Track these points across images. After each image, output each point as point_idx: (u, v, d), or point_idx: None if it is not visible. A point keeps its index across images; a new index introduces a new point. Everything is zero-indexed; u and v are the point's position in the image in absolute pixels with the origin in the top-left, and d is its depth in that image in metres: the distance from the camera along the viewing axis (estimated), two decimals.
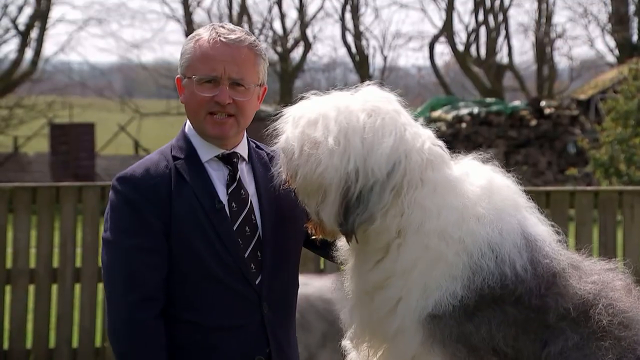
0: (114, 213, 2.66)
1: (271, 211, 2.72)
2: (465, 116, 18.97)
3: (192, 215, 2.63)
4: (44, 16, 23.41)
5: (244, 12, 27.05)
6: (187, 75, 2.69)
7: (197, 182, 2.66)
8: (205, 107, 2.66)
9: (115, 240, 2.63)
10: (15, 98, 23.60)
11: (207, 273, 2.62)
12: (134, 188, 2.64)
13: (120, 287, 2.60)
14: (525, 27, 30.48)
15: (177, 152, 2.72)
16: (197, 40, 2.69)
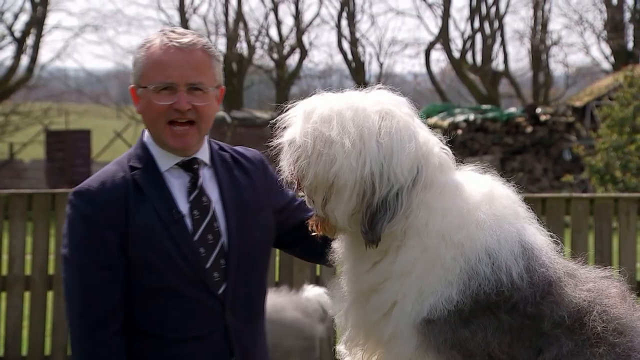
0: (70, 229, 2.59)
1: (236, 217, 2.66)
2: (461, 123, 19.00)
3: (150, 228, 2.55)
4: (40, 23, 23.42)
5: (240, 19, 27.08)
6: (141, 85, 2.61)
7: (155, 193, 2.59)
8: (164, 115, 2.58)
9: (71, 257, 2.57)
10: (11, 105, 23.60)
11: (167, 286, 2.56)
12: (90, 203, 2.57)
13: (78, 305, 2.55)
14: (521, 34, 30.56)
15: (134, 161, 2.65)
16: (148, 47, 2.61)
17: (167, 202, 2.59)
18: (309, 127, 2.46)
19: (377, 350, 2.53)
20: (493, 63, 28.28)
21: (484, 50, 28.18)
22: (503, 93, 28.98)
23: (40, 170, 21.45)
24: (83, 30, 27.87)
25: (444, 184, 2.48)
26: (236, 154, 2.78)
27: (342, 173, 2.41)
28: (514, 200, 2.57)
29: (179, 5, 26.82)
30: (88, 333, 2.53)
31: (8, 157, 22.81)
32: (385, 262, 2.47)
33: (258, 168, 2.80)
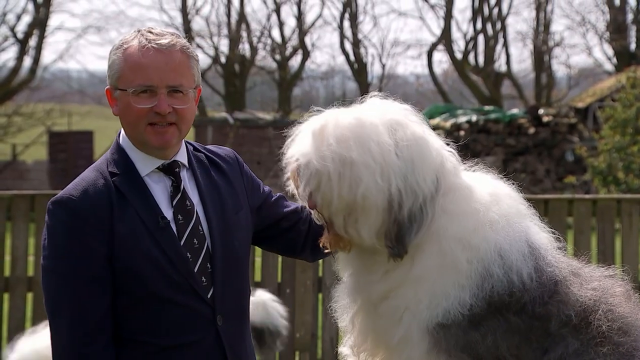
0: (53, 240, 2.51)
1: (217, 218, 2.62)
2: (463, 124, 18.99)
3: (136, 236, 2.50)
4: (42, 24, 23.44)
5: (242, 20, 27.09)
6: (119, 87, 2.55)
7: (138, 200, 2.53)
8: (145, 118, 2.53)
9: (55, 268, 2.49)
10: (14, 106, 23.62)
11: (157, 293, 2.51)
12: (73, 213, 2.49)
13: (65, 319, 2.48)
14: (523, 35, 30.54)
15: (113, 167, 2.58)
16: (125, 49, 2.54)
17: (151, 208, 2.54)
18: (326, 150, 2.43)
19: (384, 354, 2.52)
20: (495, 64, 28.27)
21: (486, 52, 28.16)
22: (505, 94, 28.96)
23: (43, 171, 21.47)
24: (85, 31, 27.96)
25: (458, 187, 2.49)
26: (211, 154, 2.74)
27: (369, 193, 2.40)
28: (517, 199, 2.58)
29: (182, 7, 26.85)
30: (78, 347, 2.47)
31: (11, 158, 22.83)
32: (400, 269, 2.46)
33: (233, 167, 2.76)
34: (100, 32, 41.16)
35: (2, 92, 22.92)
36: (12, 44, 23.43)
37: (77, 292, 2.48)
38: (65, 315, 2.48)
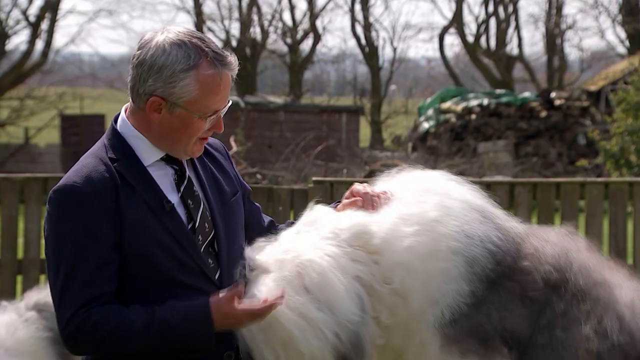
0: (57, 228, 2.48)
1: (217, 203, 2.63)
2: (475, 107, 18.94)
3: (144, 221, 2.49)
4: (54, 7, 23.46)
5: (253, 4, 27.04)
6: (187, 108, 2.52)
7: (142, 185, 2.53)
8: (201, 135, 2.57)
9: (64, 256, 2.46)
10: (26, 89, 23.69)
11: (168, 276, 2.51)
12: (78, 199, 2.47)
13: (74, 303, 2.44)
14: (535, 18, 30.37)
15: (112, 153, 2.55)
16: (201, 75, 2.51)
17: (155, 192, 2.53)
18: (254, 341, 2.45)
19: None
20: (507, 47, 28.14)
21: (498, 35, 28.03)
22: (517, 77, 28.85)
23: (55, 154, 21.55)
24: (97, 14, 27.99)
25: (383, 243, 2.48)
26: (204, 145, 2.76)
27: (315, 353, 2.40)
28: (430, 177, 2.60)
29: None
30: (84, 313, 2.45)
31: (23, 141, 22.93)
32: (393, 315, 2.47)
33: (223, 155, 2.78)
34: (111, 15, 41.16)
35: (15, 76, 22.98)
36: (24, 27, 23.48)
37: (86, 277, 2.45)
38: (73, 300, 2.46)
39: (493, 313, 2.41)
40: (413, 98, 30.88)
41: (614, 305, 2.49)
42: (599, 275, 2.52)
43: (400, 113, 27.89)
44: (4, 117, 22.92)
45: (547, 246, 2.51)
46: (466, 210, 2.48)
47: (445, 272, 2.43)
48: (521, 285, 2.44)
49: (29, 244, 6.36)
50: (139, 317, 2.46)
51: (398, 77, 31.95)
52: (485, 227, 2.45)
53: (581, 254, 2.54)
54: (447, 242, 2.43)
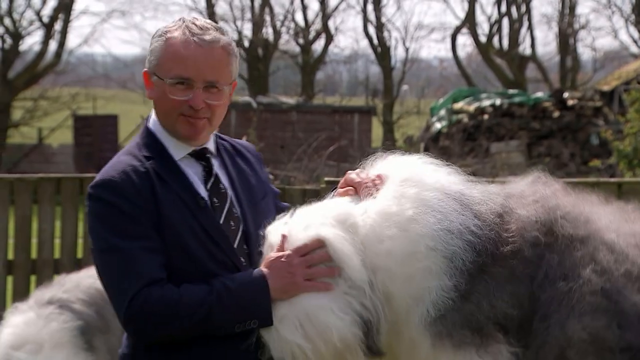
0: (105, 221, 2.52)
1: (247, 202, 2.67)
2: (487, 108, 18.89)
3: (179, 215, 2.55)
4: (67, 8, 23.55)
5: (265, 4, 27.06)
6: (157, 74, 2.59)
7: (176, 181, 2.58)
8: (178, 109, 2.58)
9: (117, 247, 2.50)
10: (40, 90, 23.79)
11: (204, 271, 2.55)
12: (119, 194, 2.52)
13: (133, 282, 2.47)
14: (548, 18, 30.33)
15: (146, 151, 2.61)
16: (168, 38, 2.58)
17: (189, 189, 2.59)
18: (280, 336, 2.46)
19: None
20: (520, 47, 28.06)
21: (510, 35, 27.95)
22: (530, 77, 28.75)
23: (69, 154, 21.63)
24: (110, 15, 28.10)
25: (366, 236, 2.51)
26: (235, 144, 2.79)
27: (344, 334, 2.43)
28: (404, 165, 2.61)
29: None
30: (145, 293, 2.48)
31: (37, 141, 23.03)
32: None
33: (256, 157, 2.82)
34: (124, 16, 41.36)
35: (28, 76, 23.07)
36: (37, 28, 23.57)
37: (141, 261, 2.49)
38: (132, 285, 2.48)
39: (483, 302, 2.42)
40: (425, 98, 30.83)
41: (601, 237, 2.51)
42: (580, 214, 2.55)
43: (412, 113, 27.84)
44: (17, 118, 23.01)
45: (526, 207, 2.52)
46: (443, 201, 2.49)
47: (424, 270, 2.44)
48: (507, 269, 2.44)
49: (43, 244, 6.39)
50: (200, 287, 2.50)
51: (410, 77, 31.90)
52: (464, 218, 2.46)
53: (558, 199, 2.56)
54: (425, 241, 2.45)
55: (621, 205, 2.70)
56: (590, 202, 2.66)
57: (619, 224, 2.59)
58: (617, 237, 2.54)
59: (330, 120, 20.41)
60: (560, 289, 2.44)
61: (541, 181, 2.63)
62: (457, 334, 2.42)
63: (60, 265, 6.36)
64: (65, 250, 6.40)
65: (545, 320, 2.43)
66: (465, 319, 2.42)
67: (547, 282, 2.45)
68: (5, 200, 6.33)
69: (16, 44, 22.93)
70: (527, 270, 2.46)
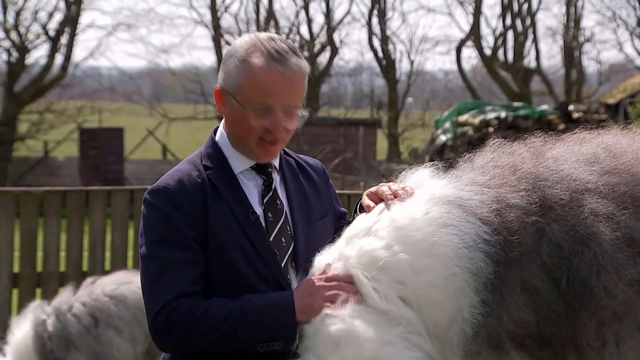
0: (149, 227, 2.58)
1: (303, 221, 2.68)
2: (492, 120, 18.89)
3: (228, 227, 2.57)
4: (73, 22, 23.64)
5: (271, 17, 27.14)
6: (237, 99, 2.59)
7: (231, 193, 2.61)
8: (257, 133, 2.60)
9: (155, 254, 2.55)
10: (46, 103, 23.84)
11: (246, 283, 2.57)
12: (170, 201, 2.56)
13: (163, 299, 2.52)
14: (553, 31, 30.34)
15: (207, 161, 2.65)
16: (248, 62, 2.56)
17: (242, 202, 2.61)
18: None
19: None
20: (525, 60, 28.07)
21: (515, 48, 27.97)
22: (535, 90, 28.75)
23: (74, 167, 21.66)
24: (116, 28, 28.12)
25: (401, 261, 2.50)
26: (300, 160, 2.82)
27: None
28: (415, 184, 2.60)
29: (211, 4, 26.94)
30: (177, 304, 2.51)
31: (43, 154, 23.07)
32: None
33: (320, 176, 2.83)
34: (130, 29, 41.44)
35: (34, 90, 23.14)
36: (44, 41, 23.66)
37: (175, 274, 2.52)
38: (163, 296, 2.51)
39: (503, 314, 2.41)
40: (430, 111, 30.84)
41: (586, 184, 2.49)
42: (559, 169, 2.53)
43: (417, 126, 27.86)
44: (23, 131, 23.08)
45: (515, 190, 2.49)
46: (452, 213, 2.48)
47: (458, 290, 2.44)
48: (519, 272, 2.43)
49: (48, 257, 6.40)
50: (227, 302, 2.51)
51: (415, 89, 31.93)
52: (474, 227, 2.45)
53: (535, 166, 2.55)
54: (456, 262, 2.44)
55: None
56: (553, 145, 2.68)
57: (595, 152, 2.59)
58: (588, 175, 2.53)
59: (335, 132, 20.43)
60: (582, 252, 2.41)
61: (503, 150, 2.64)
62: (483, 352, 2.41)
63: (65, 278, 6.37)
64: (71, 263, 6.41)
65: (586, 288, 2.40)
66: (489, 335, 2.41)
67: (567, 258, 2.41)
68: (11, 213, 6.35)
69: (22, 58, 23.01)
70: (539, 264, 2.43)
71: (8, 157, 21.74)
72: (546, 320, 2.41)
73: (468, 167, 2.66)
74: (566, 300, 2.42)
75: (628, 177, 2.54)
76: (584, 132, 2.75)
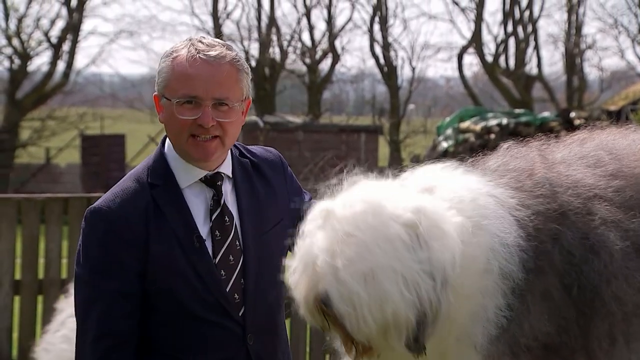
0: (87, 250, 2.50)
1: (254, 232, 2.57)
2: (494, 127, 18.89)
3: (170, 255, 2.47)
4: (76, 29, 23.68)
5: (272, 24, 27.17)
6: (165, 96, 2.50)
7: (176, 216, 2.50)
8: (188, 129, 2.48)
9: (89, 281, 2.48)
10: (48, 110, 23.88)
11: (189, 312, 2.50)
12: (109, 226, 2.47)
13: (93, 331, 2.47)
14: (554, 38, 30.33)
15: (154, 177, 2.54)
16: (174, 57, 2.49)
17: (187, 225, 2.51)
18: (343, 277, 2.21)
19: None
20: (526, 67, 28.09)
21: (517, 54, 27.99)
22: (536, 97, 28.76)
23: (76, 174, 21.68)
24: (118, 36, 28.14)
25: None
26: (256, 159, 2.68)
27: (399, 310, 2.23)
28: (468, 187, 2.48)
29: (213, 11, 26.99)
30: (100, 357, 2.47)
31: (44, 161, 23.09)
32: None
33: (278, 172, 2.72)
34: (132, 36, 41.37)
35: (36, 97, 23.17)
36: (46, 48, 23.70)
37: (106, 307, 2.47)
38: (93, 327, 2.48)
39: (525, 323, 2.35)
40: (432, 117, 30.86)
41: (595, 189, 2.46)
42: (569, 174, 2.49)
43: (419, 132, 27.88)
44: (25, 138, 23.10)
45: (533, 196, 2.44)
46: (496, 210, 2.38)
47: (485, 287, 2.36)
48: (541, 281, 2.38)
49: (50, 264, 6.39)
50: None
51: (417, 96, 31.95)
52: (514, 230, 2.37)
53: (548, 170, 2.50)
54: (488, 254, 2.34)
55: None
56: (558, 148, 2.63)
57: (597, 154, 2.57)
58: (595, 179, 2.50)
59: (337, 139, 20.43)
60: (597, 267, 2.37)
61: (513, 153, 2.59)
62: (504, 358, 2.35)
63: (67, 284, 6.36)
64: (72, 270, 6.39)
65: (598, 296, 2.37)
66: (510, 342, 2.35)
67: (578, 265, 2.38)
68: (12, 220, 6.34)
69: (24, 65, 23.04)
70: (555, 272, 2.39)
71: (10, 164, 21.76)
72: (558, 328, 2.38)
73: (482, 169, 2.59)
74: (577, 307, 2.38)
75: (632, 180, 2.52)
76: (581, 133, 2.71)
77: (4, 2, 22.88)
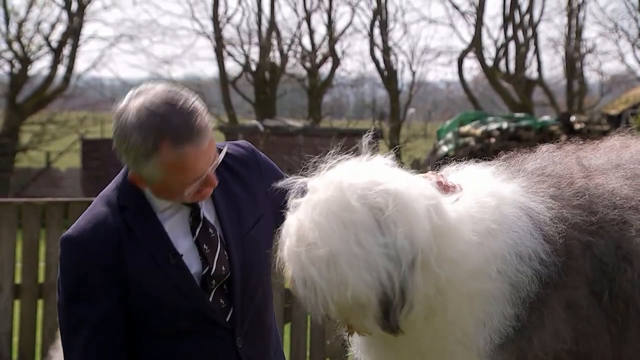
0: (65, 279, 2.50)
1: (235, 238, 2.57)
2: (494, 131, 18.89)
3: (147, 275, 2.48)
4: (76, 33, 23.69)
5: (273, 28, 27.19)
6: (164, 184, 2.47)
7: (149, 236, 2.49)
8: (190, 197, 2.50)
9: (68, 310, 2.50)
10: (48, 114, 23.89)
11: (174, 326, 2.51)
12: (83, 254, 2.47)
13: (78, 356, 2.50)
14: (555, 42, 30.32)
15: (124, 200, 2.52)
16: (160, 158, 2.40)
17: (162, 245, 2.50)
18: (304, 262, 2.28)
19: None
20: (526, 71, 28.09)
21: (517, 59, 28.00)
22: (537, 101, 28.76)
23: (76, 178, 21.67)
24: (118, 40, 28.18)
25: (447, 227, 2.36)
26: (229, 160, 2.65)
27: (359, 293, 2.26)
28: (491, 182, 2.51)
29: (213, 15, 27.00)
30: None
31: (45, 165, 23.09)
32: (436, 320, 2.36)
33: (251, 168, 2.69)
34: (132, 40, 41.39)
35: (37, 101, 23.18)
36: (46, 52, 23.71)
37: (89, 335, 2.48)
38: (78, 354, 2.50)
39: (534, 337, 2.33)
40: (432, 121, 30.86)
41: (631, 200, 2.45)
42: (607, 184, 2.48)
43: (419, 136, 27.87)
44: (26, 142, 23.11)
45: (572, 207, 2.42)
46: (520, 219, 2.38)
47: (489, 293, 2.34)
48: (564, 293, 2.36)
49: (50, 268, 6.38)
50: None
51: (417, 100, 31.94)
52: (536, 242, 2.35)
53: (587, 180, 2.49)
54: (497, 263, 2.34)
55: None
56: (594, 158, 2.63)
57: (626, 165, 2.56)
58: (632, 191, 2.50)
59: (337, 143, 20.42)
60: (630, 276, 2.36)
61: (551, 157, 2.59)
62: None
63: None
64: None
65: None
66: (514, 352, 2.33)
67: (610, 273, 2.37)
68: (13, 224, 6.35)
69: (25, 69, 23.05)
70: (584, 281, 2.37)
71: (10, 168, 21.76)
72: (585, 335, 2.35)
73: (522, 172, 2.58)
74: (608, 314, 2.37)
75: None
76: (615, 138, 2.70)
77: (5, 6, 22.91)
